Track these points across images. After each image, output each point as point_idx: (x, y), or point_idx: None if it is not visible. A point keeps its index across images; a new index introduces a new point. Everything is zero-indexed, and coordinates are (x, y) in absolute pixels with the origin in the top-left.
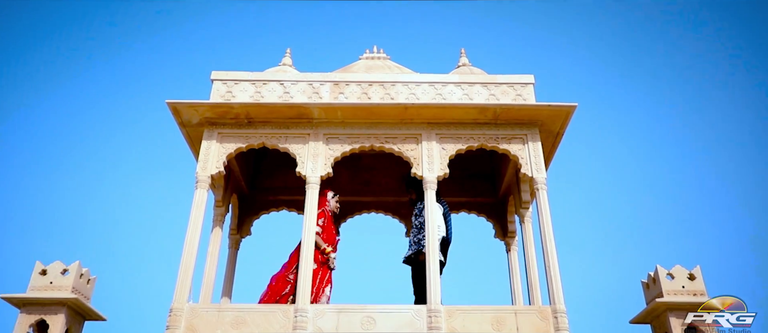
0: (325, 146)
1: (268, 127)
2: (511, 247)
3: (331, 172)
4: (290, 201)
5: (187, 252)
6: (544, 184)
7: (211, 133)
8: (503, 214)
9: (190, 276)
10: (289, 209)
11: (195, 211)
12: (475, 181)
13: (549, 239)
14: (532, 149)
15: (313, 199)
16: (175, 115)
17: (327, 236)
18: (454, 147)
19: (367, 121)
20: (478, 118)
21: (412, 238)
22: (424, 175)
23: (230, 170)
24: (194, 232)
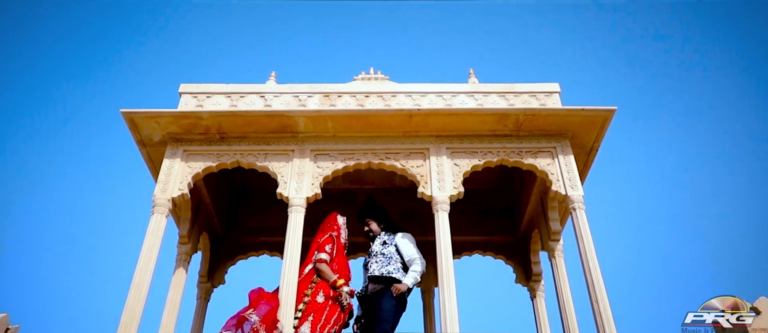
0: (312, 163)
1: (244, 143)
2: (537, 293)
3: (319, 194)
4: (273, 244)
5: (135, 294)
6: (582, 203)
7: (174, 151)
8: (525, 255)
9: (137, 325)
10: (272, 254)
11: (149, 240)
12: (491, 218)
13: (593, 268)
14: (564, 163)
15: (296, 225)
16: (133, 131)
17: (339, 267)
18: (468, 163)
19: (364, 135)
20: (496, 129)
21: (378, 269)
22: (433, 194)
23: (200, 202)
24: (146, 267)
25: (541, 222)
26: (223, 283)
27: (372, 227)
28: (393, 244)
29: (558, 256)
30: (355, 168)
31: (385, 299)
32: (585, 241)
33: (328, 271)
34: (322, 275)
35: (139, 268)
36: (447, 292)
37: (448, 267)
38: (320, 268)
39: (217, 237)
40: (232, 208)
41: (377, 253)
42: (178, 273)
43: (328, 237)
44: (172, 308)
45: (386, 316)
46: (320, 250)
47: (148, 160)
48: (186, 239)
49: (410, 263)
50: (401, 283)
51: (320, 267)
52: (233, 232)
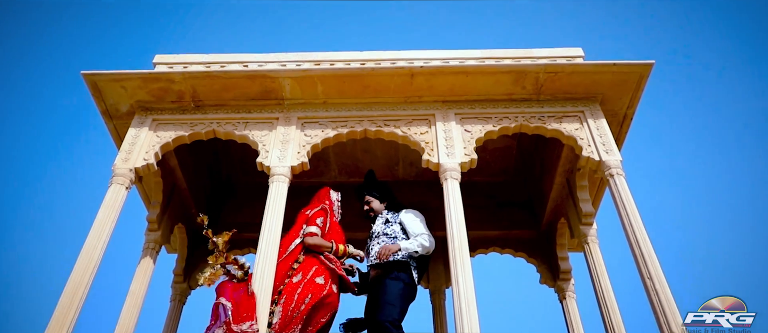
0: (299, 132)
1: (222, 112)
2: (567, 294)
3: (306, 164)
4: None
5: (78, 275)
6: (620, 168)
7: (142, 120)
8: (550, 250)
9: (75, 313)
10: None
11: (103, 213)
12: (509, 210)
13: (642, 241)
14: (595, 127)
15: (278, 195)
16: (97, 99)
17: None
18: (481, 129)
19: (359, 101)
20: (513, 92)
21: (381, 248)
22: (440, 161)
23: (175, 186)
24: (96, 243)
25: (569, 207)
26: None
27: (373, 205)
28: (397, 222)
29: (592, 243)
30: (349, 137)
31: (390, 281)
32: (629, 211)
33: (322, 240)
34: (315, 249)
35: (87, 245)
36: (461, 276)
37: (461, 245)
38: (311, 242)
39: (196, 233)
40: (215, 202)
41: (379, 234)
42: (144, 263)
43: (319, 209)
44: (134, 302)
45: (392, 299)
46: (309, 223)
47: (114, 135)
48: (155, 225)
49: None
50: (394, 245)
51: (311, 241)
52: (215, 227)
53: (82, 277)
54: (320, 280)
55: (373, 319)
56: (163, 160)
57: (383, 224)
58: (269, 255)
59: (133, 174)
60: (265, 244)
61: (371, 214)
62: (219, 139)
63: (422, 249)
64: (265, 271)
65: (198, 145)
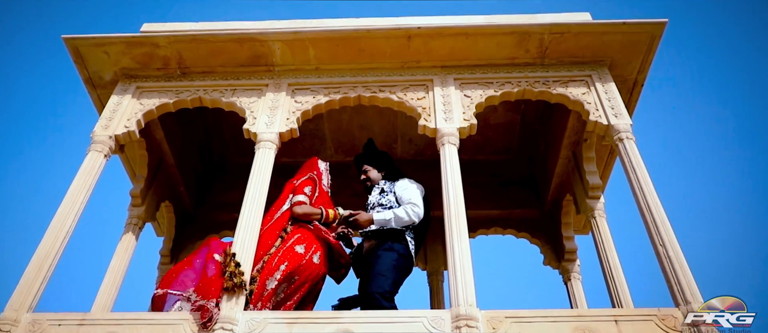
0: (289, 98)
1: (209, 79)
2: (572, 275)
3: (296, 131)
4: None
5: (48, 244)
6: (630, 132)
7: (126, 87)
8: (555, 230)
9: (48, 270)
10: None
11: (80, 180)
12: (511, 190)
13: (654, 208)
14: (604, 90)
15: (265, 161)
16: (79, 65)
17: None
18: (482, 94)
19: (353, 67)
20: (515, 56)
21: (370, 214)
22: (437, 126)
23: (162, 162)
24: (69, 211)
25: (575, 181)
26: None
27: (371, 175)
28: (392, 192)
29: (599, 217)
30: (342, 104)
31: (383, 252)
32: (640, 175)
33: (310, 208)
34: (304, 218)
35: (60, 213)
36: (458, 244)
37: (458, 214)
38: (299, 211)
39: (185, 212)
40: (205, 182)
41: (374, 205)
42: (126, 239)
43: (307, 178)
44: (113, 279)
45: (384, 269)
46: (297, 192)
47: (98, 105)
48: (139, 200)
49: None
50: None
51: (299, 210)
52: (206, 208)
53: (52, 245)
54: (300, 248)
55: (364, 291)
56: (148, 132)
57: (379, 194)
58: (251, 224)
59: (112, 142)
60: (248, 212)
61: (368, 183)
62: (210, 115)
63: (396, 221)
64: (246, 242)
65: (188, 121)
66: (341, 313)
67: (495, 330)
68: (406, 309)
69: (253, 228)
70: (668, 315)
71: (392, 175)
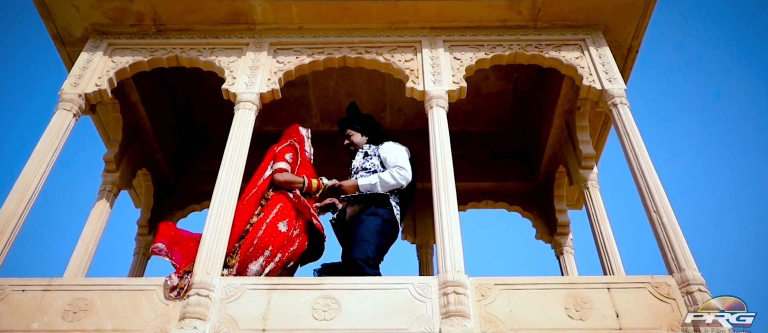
0: (270, 58)
1: (186, 37)
2: (564, 249)
3: (278, 92)
4: None
5: (11, 206)
6: (625, 98)
7: (97, 44)
8: (547, 203)
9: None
10: None
11: (46, 140)
12: (503, 162)
13: (648, 173)
14: (598, 55)
15: (244, 123)
16: (46, 20)
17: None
18: (472, 57)
19: (338, 27)
20: (507, 19)
21: (354, 180)
22: (425, 88)
23: (137, 127)
24: (34, 172)
25: (568, 151)
26: None
27: (354, 139)
28: (376, 155)
29: (592, 188)
30: (326, 65)
31: (366, 217)
32: (634, 141)
33: (293, 176)
34: (285, 185)
35: (25, 173)
36: (445, 204)
37: (446, 175)
38: (281, 178)
39: (164, 181)
40: (186, 151)
41: (358, 169)
42: (99, 206)
43: (287, 145)
44: (86, 246)
45: (367, 235)
46: (278, 159)
47: (68, 64)
48: (113, 166)
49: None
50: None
51: (280, 177)
52: (186, 178)
53: (16, 208)
54: (282, 226)
55: (346, 258)
56: (123, 93)
57: (362, 158)
58: (228, 189)
59: (83, 101)
60: (226, 176)
61: (352, 148)
62: (190, 80)
63: (382, 185)
64: (223, 206)
65: (167, 85)
66: (323, 279)
67: (484, 297)
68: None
69: (232, 193)
70: (662, 282)
71: (377, 139)
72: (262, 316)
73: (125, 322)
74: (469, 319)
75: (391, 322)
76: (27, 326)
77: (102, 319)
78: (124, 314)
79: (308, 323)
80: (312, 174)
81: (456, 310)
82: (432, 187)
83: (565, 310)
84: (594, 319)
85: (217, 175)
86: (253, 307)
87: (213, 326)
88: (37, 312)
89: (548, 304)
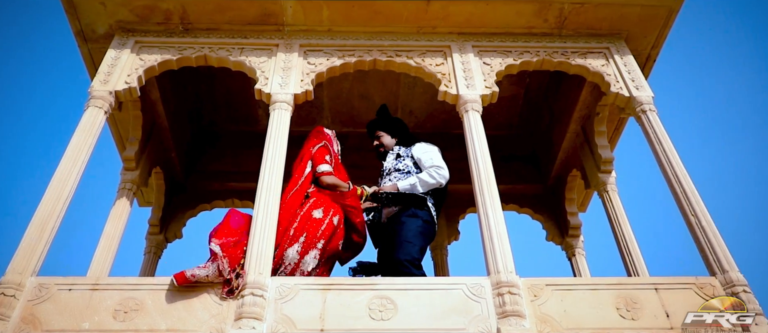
0: (301, 59)
1: (214, 36)
2: (576, 251)
3: (310, 93)
4: (245, 191)
5: (49, 204)
6: (652, 104)
7: (123, 41)
8: (558, 206)
9: (50, 232)
10: (243, 203)
11: (79, 138)
12: (513, 165)
13: (682, 177)
14: (623, 63)
15: (281, 123)
16: (71, 17)
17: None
18: (501, 62)
19: (368, 30)
20: (534, 26)
21: (394, 183)
22: (459, 92)
23: (154, 125)
24: (70, 169)
25: (585, 155)
26: (180, 237)
27: (384, 140)
28: (409, 156)
29: (612, 191)
30: (357, 67)
31: (407, 219)
32: (665, 147)
33: (339, 181)
34: (331, 188)
35: (61, 172)
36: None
37: (488, 177)
38: (328, 181)
39: (175, 180)
40: (195, 149)
41: (391, 171)
42: (119, 205)
43: (322, 146)
44: (108, 244)
45: (410, 236)
46: (318, 162)
47: (88, 61)
48: (133, 164)
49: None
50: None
51: (327, 180)
52: (196, 176)
53: (54, 206)
54: (318, 213)
55: (389, 259)
56: (144, 92)
57: (394, 160)
58: (272, 187)
59: (112, 98)
60: (268, 175)
61: (381, 149)
62: (202, 79)
63: (422, 184)
64: (269, 207)
65: (180, 84)
66: (376, 279)
67: (536, 297)
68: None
69: (275, 192)
70: (706, 283)
71: (406, 141)
72: (319, 316)
73: (178, 322)
74: (526, 319)
75: (448, 321)
76: (77, 326)
77: (155, 318)
78: (176, 314)
79: (366, 323)
80: (345, 177)
81: (512, 310)
82: (473, 189)
83: (616, 310)
84: (645, 319)
85: (227, 175)
86: (309, 307)
87: (270, 326)
88: (87, 311)
89: (599, 304)
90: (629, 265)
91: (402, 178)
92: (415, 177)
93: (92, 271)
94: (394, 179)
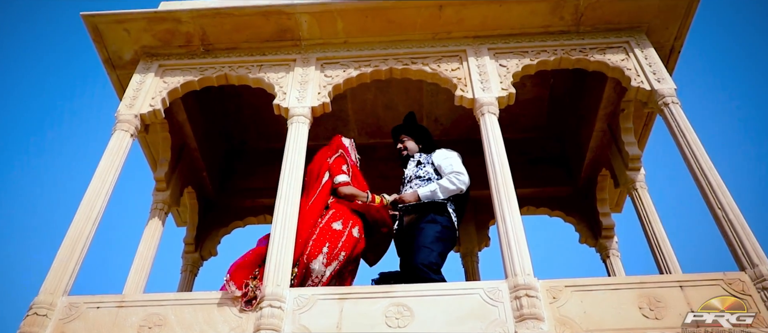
0: (318, 72)
1: (234, 55)
2: (610, 252)
3: (328, 105)
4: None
5: (79, 225)
6: (675, 96)
7: (148, 66)
8: (590, 207)
9: (80, 252)
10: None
11: (107, 160)
12: (542, 167)
13: (707, 169)
14: (644, 56)
15: (299, 136)
16: (98, 44)
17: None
18: (518, 63)
19: (383, 40)
20: (550, 25)
21: (415, 190)
22: (475, 96)
23: (184, 146)
24: (99, 191)
25: (613, 153)
26: (215, 254)
27: (408, 145)
28: (429, 163)
29: (641, 189)
30: (373, 77)
31: (426, 225)
32: (690, 140)
33: (356, 190)
34: (349, 198)
35: (90, 194)
36: (507, 208)
37: (505, 180)
38: (347, 191)
39: (207, 199)
40: (228, 167)
41: (411, 179)
42: (152, 224)
43: (339, 156)
44: (142, 264)
45: (428, 242)
46: (336, 172)
47: (118, 87)
48: (164, 185)
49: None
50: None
51: (345, 190)
52: (228, 194)
53: (84, 227)
54: (337, 224)
55: (408, 265)
56: (170, 114)
57: (415, 167)
58: (290, 199)
59: (138, 121)
60: (286, 187)
61: (404, 153)
62: (229, 99)
63: (442, 191)
64: (287, 219)
65: (208, 104)
66: (393, 286)
67: (555, 299)
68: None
69: (294, 203)
70: (735, 279)
71: (428, 149)
72: (336, 325)
73: None
74: (544, 321)
75: (465, 326)
76: None
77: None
78: (198, 328)
79: (383, 331)
80: (364, 186)
81: (530, 313)
82: (491, 193)
83: (639, 310)
84: (670, 318)
85: (257, 191)
86: (326, 316)
87: None
88: (113, 328)
89: (621, 304)
90: (661, 264)
91: (423, 185)
92: (435, 183)
93: (126, 290)
94: (415, 186)
